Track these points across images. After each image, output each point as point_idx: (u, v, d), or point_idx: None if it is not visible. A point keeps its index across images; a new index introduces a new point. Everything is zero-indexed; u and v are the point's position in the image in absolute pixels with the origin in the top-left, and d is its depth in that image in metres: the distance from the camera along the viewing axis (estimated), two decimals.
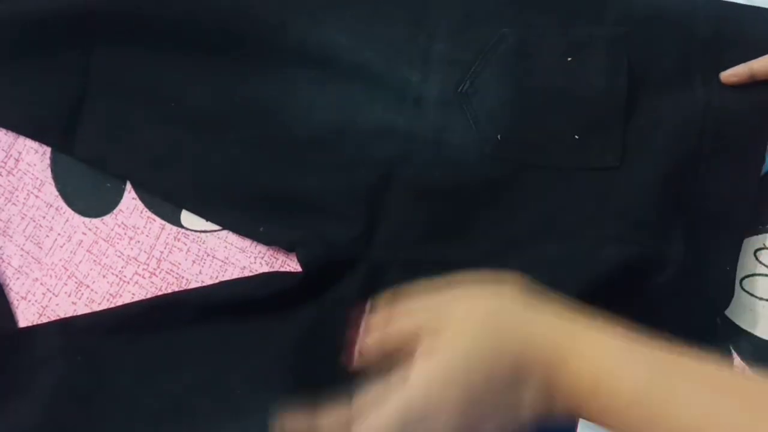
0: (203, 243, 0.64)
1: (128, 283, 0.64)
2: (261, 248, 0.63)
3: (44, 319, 0.63)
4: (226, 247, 0.64)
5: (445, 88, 0.62)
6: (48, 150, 0.67)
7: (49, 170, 0.67)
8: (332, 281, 0.60)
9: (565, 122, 0.60)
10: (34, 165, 0.67)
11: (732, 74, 0.59)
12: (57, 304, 0.64)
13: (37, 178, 0.67)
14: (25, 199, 0.66)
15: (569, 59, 0.60)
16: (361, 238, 0.61)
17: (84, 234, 0.65)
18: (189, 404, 0.58)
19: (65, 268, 0.64)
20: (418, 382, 0.41)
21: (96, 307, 0.63)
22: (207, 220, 0.64)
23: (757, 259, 0.60)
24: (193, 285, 0.63)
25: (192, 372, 0.59)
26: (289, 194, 0.62)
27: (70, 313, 0.63)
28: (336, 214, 0.61)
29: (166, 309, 0.61)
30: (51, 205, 0.66)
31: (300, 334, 0.59)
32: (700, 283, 0.57)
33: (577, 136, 0.60)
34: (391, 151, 0.62)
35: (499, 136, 0.60)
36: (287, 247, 0.62)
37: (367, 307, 0.53)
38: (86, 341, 0.61)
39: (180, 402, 0.58)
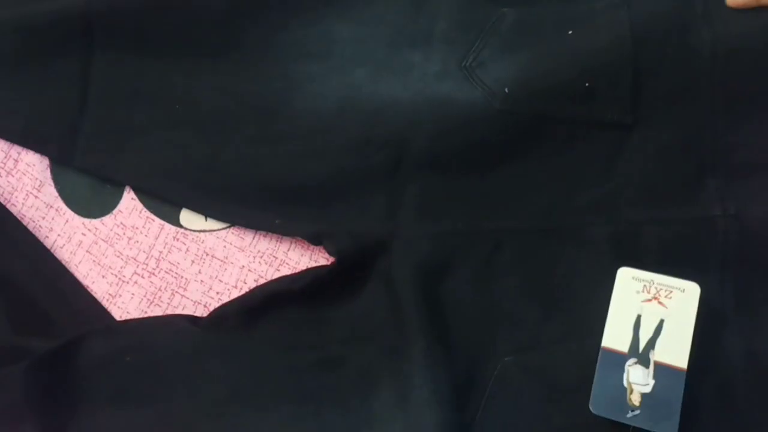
0: (202, 242, 0.64)
1: (127, 283, 0.64)
2: (260, 247, 0.64)
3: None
4: (225, 246, 0.64)
5: (447, 65, 0.62)
6: None
7: (48, 171, 0.67)
8: (365, 268, 0.60)
9: (572, 74, 0.60)
10: (34, 166, 0.67)
11: None
12: None
13: (37, 179, 0.67)
14: (24, 199, 0.66)
15: (570, 32, 0.61)
16: (386, 220, 0.61)
17: (83, 234, 0.65)
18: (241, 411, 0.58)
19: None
20: None
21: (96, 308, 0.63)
22: (220, 220, 0.64)
23: None
24: (193, 285, 0.63)
25: (240, 374, 0.59)
26: (303, 184, 0.62)
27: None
28: (355, 199, 0.61)
29: (211, 327, 0.61)
30: (50, 206, 0.66)
31: (345, 331, 0.59)
32: (752, 234, 0.57)
33: (587, 84, 0.59)
34: (399, 125, 0.62)
35: (506, 89, 0.60)
36: (310, 240, 0.62)
37: None
38: (131, 342, 0.60)
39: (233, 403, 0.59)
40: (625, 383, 0.53)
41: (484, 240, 0.59)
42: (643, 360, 0.54)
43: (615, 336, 0.54)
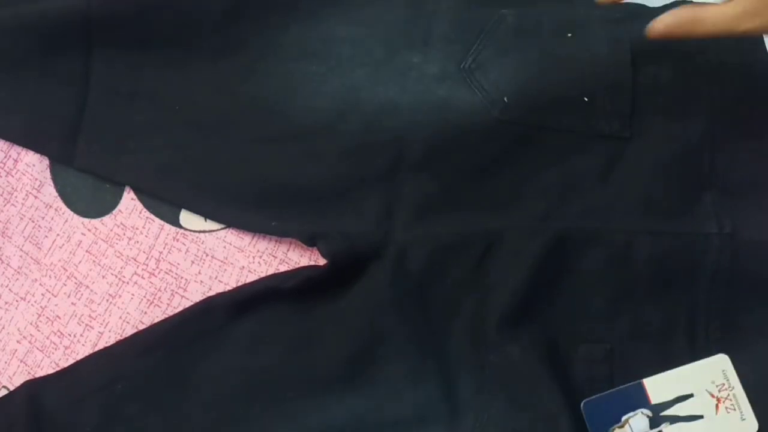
0: (202, 243, 0.64)
1: (127, 283, 0.64)
2: (260, 247, 0.63)
3: (43, 320, 0.63)
4: (225, 247, 0.64)
5: (446, 66, 0.62)
6: None
7: (48, 171, 0.67)
8: (358, 271, 0.60)
9: (572, 85, 0.60)
10: (33, 165, 0.67)
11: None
12: (56, 305, 0.64)
13: (36, 179, 0.67)
14: (24, 199, 0.66)
15: (569, 35, 0.61)
16: (381, 224, 0.60)
17: (83, 234, 0.65)
18: (237, 410, 0.58)
19: (64, 269, 0.64)
20: None
21: (96, 308, 0.63)
22: (217, 221, 0.64)
23: None
24: (192, 285, 0.63)
25: (232, 377, 0.59)
26: (300, 186, 0.62)
27: (69, 314, 0.63)
28: (351, 203, 0.61)
29: (195, 319, 0.61)
30: (50, 206, 0.66)
31: (334, 327, 0.59)
32: (745, 256, 0.56)
33: (586, 98, 0.60)
34: (397, 128, 0.61)
35: (505, 98, 0.60)
36: (305, 241, 0.62)
37: None
38: (123, 368, 0.60)
39: (227, 409, 0.58)
40: (624, 417, 0.54)
41: (476, 241, 0.59)
42: (655, 422, 0.54)
43: (659, 386, 0.54)
